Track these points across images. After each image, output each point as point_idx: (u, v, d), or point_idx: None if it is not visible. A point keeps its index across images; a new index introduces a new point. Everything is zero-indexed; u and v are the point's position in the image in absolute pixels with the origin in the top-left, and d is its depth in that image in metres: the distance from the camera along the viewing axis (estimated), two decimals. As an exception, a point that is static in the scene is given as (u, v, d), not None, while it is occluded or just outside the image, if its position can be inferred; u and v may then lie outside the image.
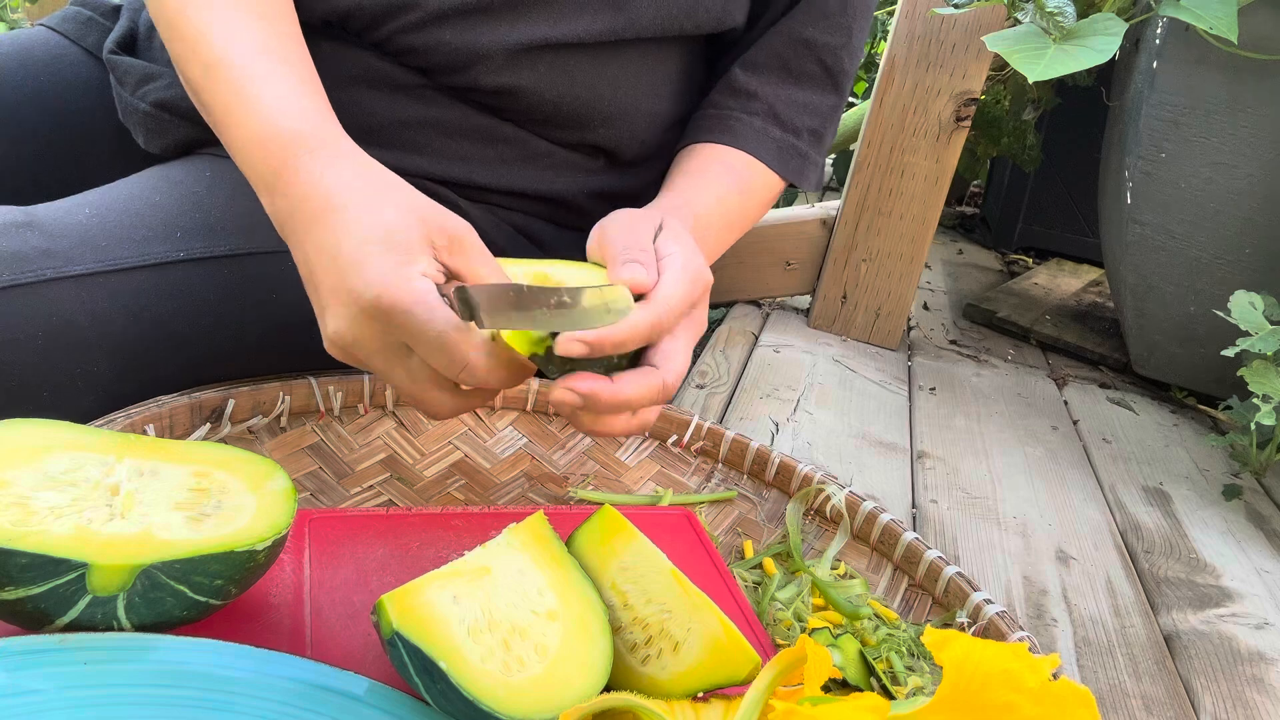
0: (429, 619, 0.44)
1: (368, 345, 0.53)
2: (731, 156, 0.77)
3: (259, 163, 0.56)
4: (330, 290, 0.52)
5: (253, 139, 0.57)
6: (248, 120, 0.57)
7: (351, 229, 0.52)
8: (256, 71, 0.58)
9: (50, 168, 0.80)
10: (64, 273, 0.59)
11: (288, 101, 0.57)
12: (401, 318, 0.50)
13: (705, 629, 0.48)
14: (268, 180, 0.56)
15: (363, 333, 0.52)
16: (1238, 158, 1.38)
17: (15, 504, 0.43)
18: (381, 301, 0.50)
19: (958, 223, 2.73)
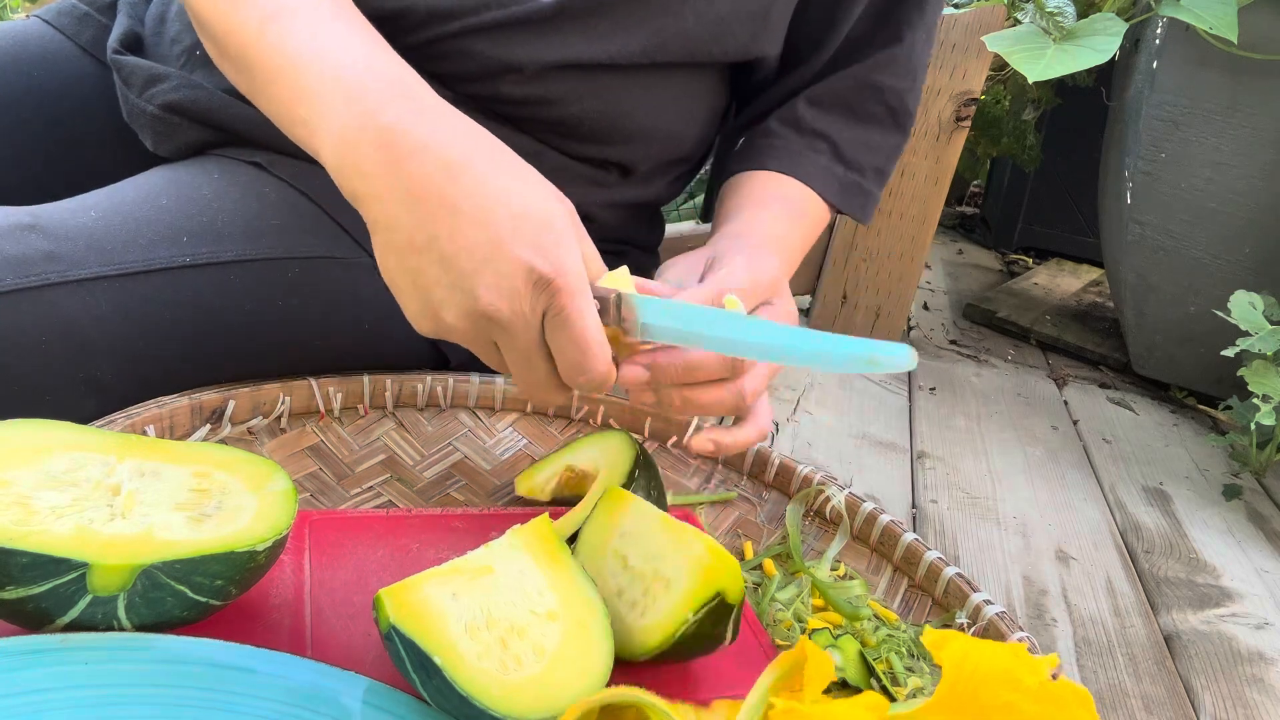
0: (426, 614, 0.44)
1: (519, 321, 0.50)
2: (792, 189, 0.78)
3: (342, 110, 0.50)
4: (482, 259, 0.49)
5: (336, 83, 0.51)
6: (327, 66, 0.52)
7: (505, 196, 0.49)
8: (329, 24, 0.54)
9: (46, 163, 0.79)
10: (68, 277, 0.59)
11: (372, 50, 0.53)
12: (566, 299, 0.49)
13: (692, 555, 0.49)
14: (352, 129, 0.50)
15: (521, 307, 0.49)
16: (1238, 158, 1.38)
17: (16, 504, 0.43)
18: (555, 281, 0.48)
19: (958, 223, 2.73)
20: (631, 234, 0.88)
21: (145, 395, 0.63)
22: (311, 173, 0.70)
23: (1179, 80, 1.39)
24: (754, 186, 0.77)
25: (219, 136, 0.72)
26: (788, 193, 0.77)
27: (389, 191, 0.49)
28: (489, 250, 0.48)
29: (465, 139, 0.51)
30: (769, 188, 0.76)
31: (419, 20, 0.69)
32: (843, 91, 0.80)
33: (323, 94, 0.51)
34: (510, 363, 0.53)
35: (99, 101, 0.82)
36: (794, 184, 0.77)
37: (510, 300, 0.49)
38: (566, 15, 0.68)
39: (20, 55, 0.80)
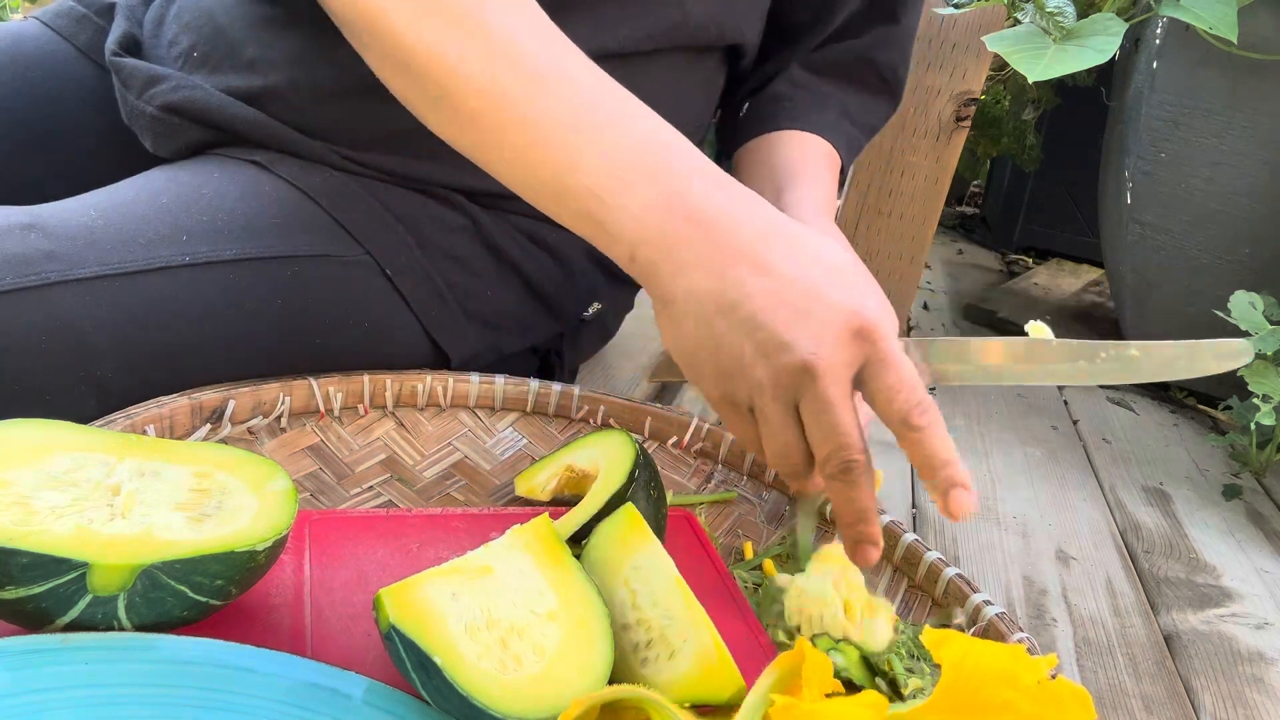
0: (426, 614, 0.44)
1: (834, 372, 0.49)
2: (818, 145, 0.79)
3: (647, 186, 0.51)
4: (800, 312, 0.49)
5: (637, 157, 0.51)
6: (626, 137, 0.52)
7: (818, 255, 0.51)
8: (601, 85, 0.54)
9: (45, 164, 0.80)
10: (68, 276, 0.59)
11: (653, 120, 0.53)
12: (884, 343, 0.50)
13: (699, 644, 0.49)
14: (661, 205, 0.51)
15: (841, 355, 0.49)
16: (1238, 158, 1.38)
17: (16, 504, 0.43)
18: (881, 325, 0.49)
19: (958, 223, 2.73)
20: None
21: (145, 394, 0.63)
22: (312, 171, 0.70)
23: (1179, 80, 1.39)
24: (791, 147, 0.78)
25: (218, 136, 0.72)
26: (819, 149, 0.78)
27: (701, 262, 0.50)
28: (808, 303, 0.49)
29: (764, 208, 0.52)
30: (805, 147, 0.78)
31: None
32: (840, 63, 0.83)
33: (628, 168, 0.51)
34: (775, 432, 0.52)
35: (97, 103, 0.82)
36: (817, 140, 0.79)
37: (832, 348, 0.49)
38: (572, 3, 0.68)
39: (18, 56, 0.80)
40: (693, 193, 0.51)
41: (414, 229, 0.73)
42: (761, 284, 0.49)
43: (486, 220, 0.76)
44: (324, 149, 0.71)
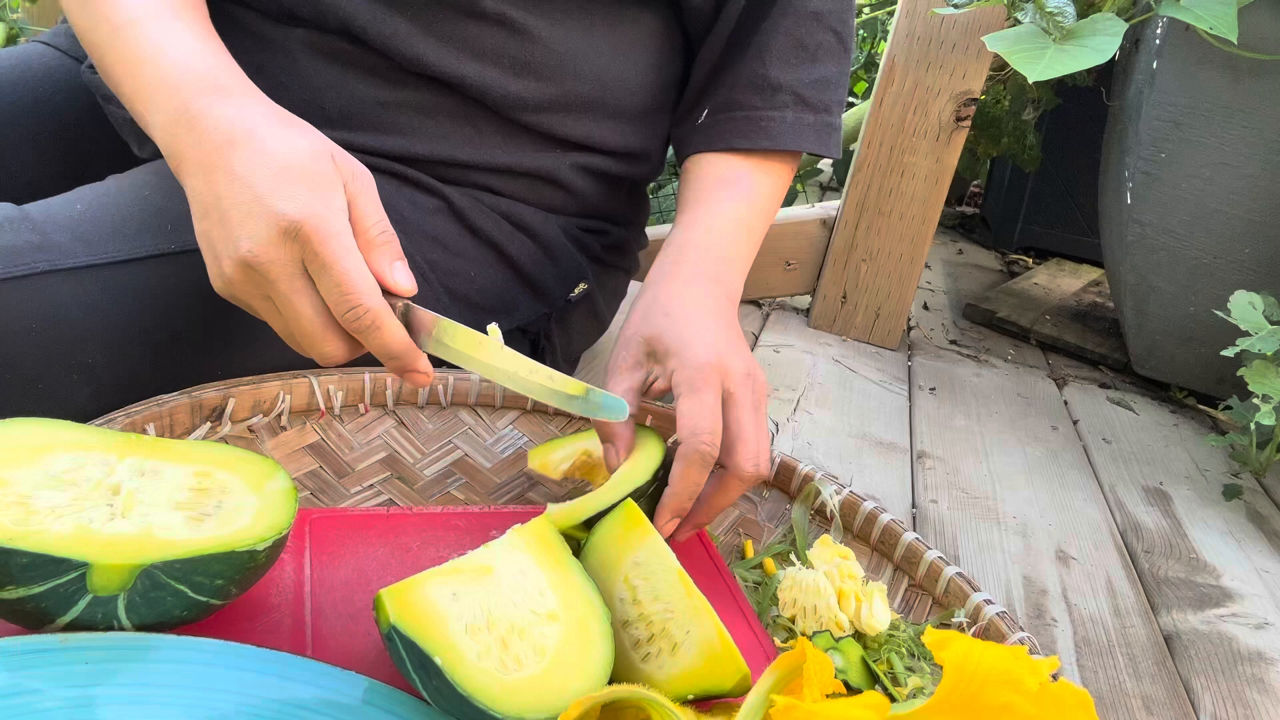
0: (426, 614, 0.44)
1: (277, 269, 0.53)
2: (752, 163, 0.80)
3: (167, 101, 0.57)
4: (244, 213, 0.53)
5: (162, 79, 0.58)
6: (159, 62, 0.59)
7: (270, 156, 0.54)
8: (165, 28, 0.60)
9: (49, 178, 0.81)
10: (57, 266, 0.60)
11: (196, 52, 0.60)
12: (319, 244, 0.52)
13: (702, 634, 0.49)
14: (170, 115, 0.57)
15: (278, 254, 0.53)
16: (1238, 158, 1.38)
17: (16, 503, 0.43)
18: (304, 226, 0.52)
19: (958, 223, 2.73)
20: (611, 208, 0.88)
21: (136, 382, 0.63)
22: None
23: (1179, 80, 1.39)
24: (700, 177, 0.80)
25: None
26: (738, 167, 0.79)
27: (194, 166, 0.56)
28: (251, 204, 0.53)
29: (255, 114, 0.56)
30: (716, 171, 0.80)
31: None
32: (788, 27, 0.81)
33: (153, 91, 0.58)
34: (282, 314, 0.55)
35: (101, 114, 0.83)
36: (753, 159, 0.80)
37: (266, 247, 0.53)
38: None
39: (25, 73, 0.82)
40: (196, 104, 0.56)
41: (392, 211, 0.74)
42: (227, 186, 0.54)
43: (461, 200, 0.77)
44: None
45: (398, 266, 0.55)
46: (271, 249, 0.53)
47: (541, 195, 0.82)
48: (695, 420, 0.60)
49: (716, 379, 0.62)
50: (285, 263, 0.53)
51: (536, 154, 0.79)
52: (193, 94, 0.57)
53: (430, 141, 0.76)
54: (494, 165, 0.78)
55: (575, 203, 0.84)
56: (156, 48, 0.59)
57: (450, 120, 0.76)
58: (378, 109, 0.74)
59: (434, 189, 0.76)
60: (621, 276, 0.97)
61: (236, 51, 0.73)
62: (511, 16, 0.72)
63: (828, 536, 0.64)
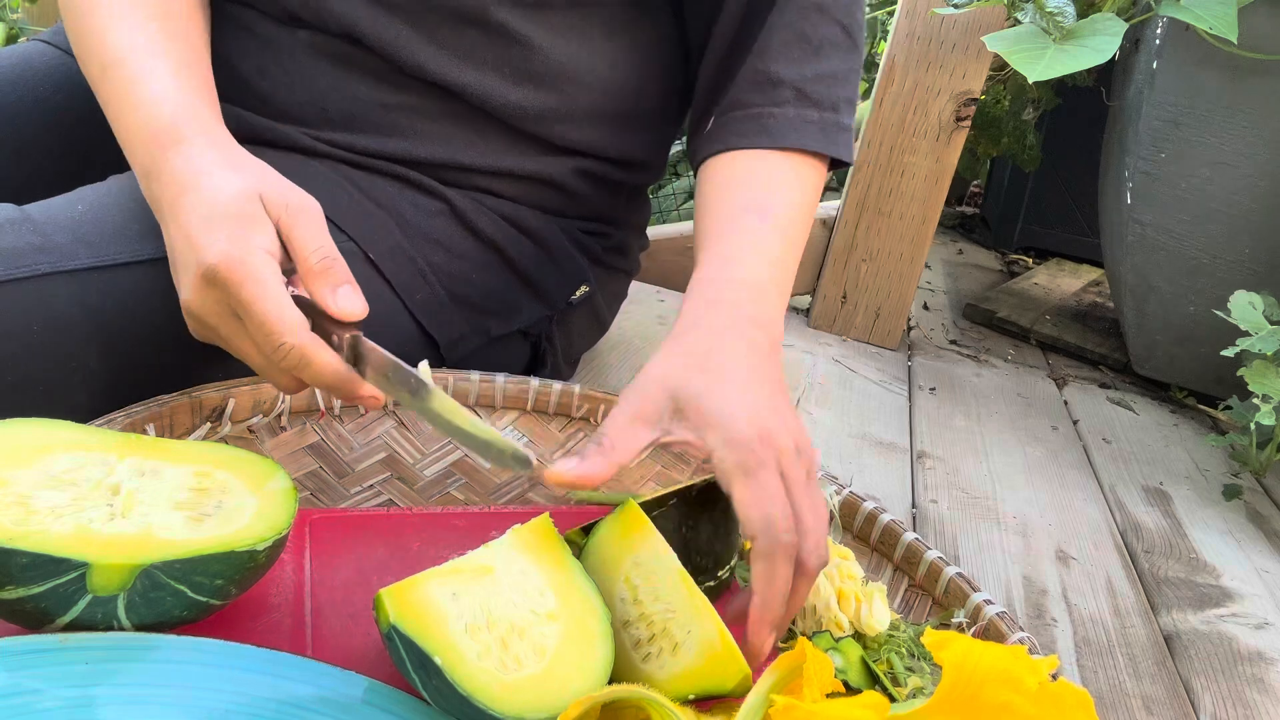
0: (426, 614, 0.44)
1: (212, 314, 0.54)
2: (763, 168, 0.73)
3: (140, 153, 0.60)
4: (182, 264, 0.55)
5: (136, 131, 0.60)
6: (134, 115, 0.61)
7: (202, 203, 0.55)
8: (143, 69, 0.62)
9: (51, 177, 0.81)
10: (58, 268, 0.60)
11: (168, 96, 0.61)
12: (235, 288, 0.52)
13: (703, 634, 0.49)
14: (145, 168, 0.59)
15: (205, 301, 0.54)
16: (1237, 158, 1.38)
17: (16, 503, 0.43)
18: (219, 270, 0.52)
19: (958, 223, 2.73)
20: (612, 211, 0.88)
21: (136, 384, 0.63)
22: (287, 159, 0.71)
23: (1179, 80, 1.39)
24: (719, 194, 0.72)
25: None
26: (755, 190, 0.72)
27: (160, 217, 0.58)
28: (186, 253, 0.55)
29: (203, 162, 0.58)
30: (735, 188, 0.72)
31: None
32: (793, 22, 0.76)
33: (130, 142, 0.61)
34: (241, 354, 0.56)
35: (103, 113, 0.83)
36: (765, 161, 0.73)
37: (195, 294, 0.54)
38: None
39: (26, 72, 0.82)
40: (160, 160, 0.58)
41: (394, 214, 0.74)
42: (176, 238, 0.56)
43: (462, 202, 0.77)
44: (293, 131, 0.73)
45: (342, 292, 0.54)
46: (200, 297, 0.54)
47: (543, 198, 0.82)
48: (765, 509, 0.51)
49: (770, 456, 0.53)
50: (214, 307, 0.54)
51: (539, 158, 0.79)
52: (158, 147, 0.59)
53: (432, 144, 0.76)
54: (496, 169, 0.78)
55: (577, 205, 0.84)
56: (135, 95, 0.61)
57: (453, 124, 0.76)
58: (380, 111, 0.74)
59: (436, 191, 0.76)
60: (622, 278, 0.97)
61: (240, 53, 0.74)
62: (511, 26, 0.72)
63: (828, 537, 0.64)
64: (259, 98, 0.74)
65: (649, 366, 0.59)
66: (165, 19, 0.65)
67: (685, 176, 2.07)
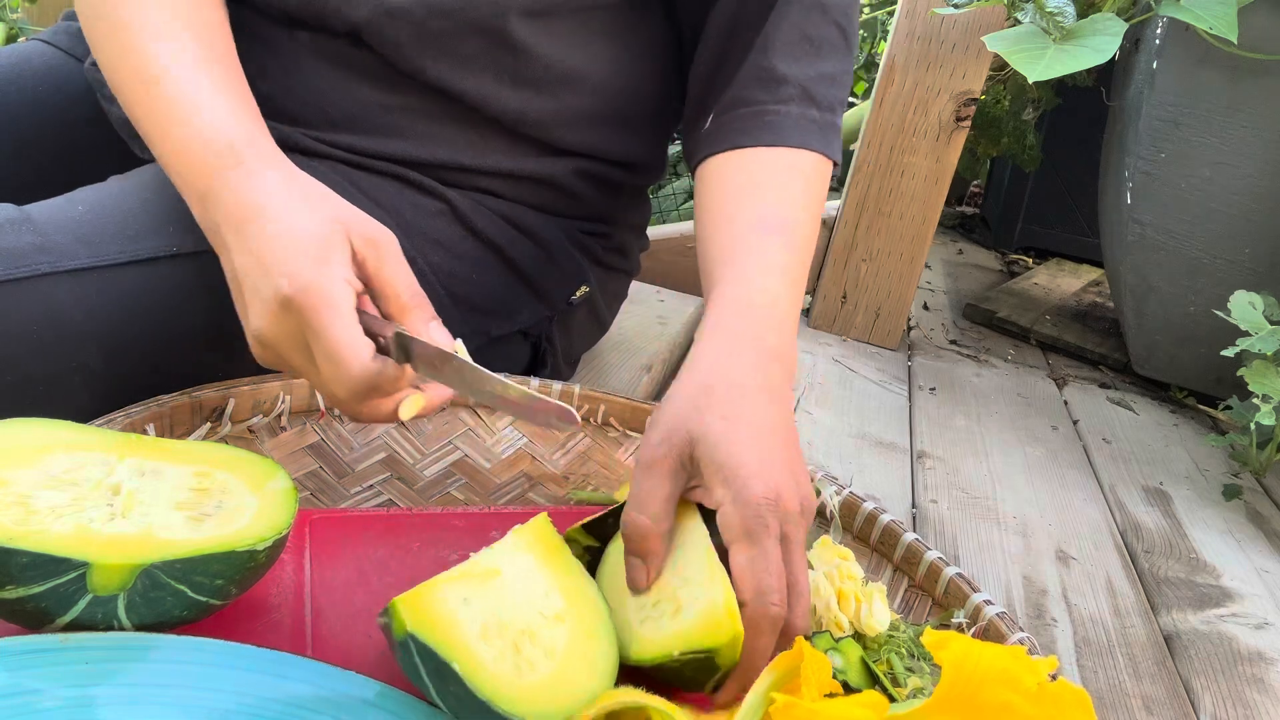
0: (442, 621, 0.44)
1: (285, 342, 0.54)
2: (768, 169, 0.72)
3: (191, 176, 0.59)
4: (252, 289, 0.54)
5: (186, 152, 0.59)
6: (182, 134, 0.59)
7: (276, 230, 0.54)
8: (190, 86, 0.61)
9: (49, 177, 0.81)
10: (58, 268, 0.60)
11: (219, 116, 0.60)
12: (310, 315, 0.52)
13: (709, 598, 0.49)
14: (199, 192, 0.58)
15: (280, 329, 0.53)
16: (1237, 158, 1.38)
17: (16, 503, 0.43)
18: (296, 299, 0.52)
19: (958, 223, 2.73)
20: (613, 211, 0.88)
21: (137, 384, 0.64)
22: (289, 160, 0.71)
23: (1179, 80, 1.39)
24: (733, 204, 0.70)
25: None
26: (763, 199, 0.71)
27: (220, 243, 0.57)
28: (258, 280, 0.54)
29: (270, 188, 0.57)
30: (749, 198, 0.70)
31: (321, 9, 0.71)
32: (797, 20, 0.76)
33: (182, 165, 0.59)
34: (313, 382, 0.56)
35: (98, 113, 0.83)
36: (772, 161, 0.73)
37: (269, 323, 0.54)
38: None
39: (25, 72, 0.82)
40: (219, 185, 0.58)
41: (395, 214, 0.74)
42: (242, 262, 0.55)
43: (462, 203, 0.77)
44: (294, 132, 0.73)
45: (434, 326, 0.55)
46: (275, 325, 0.53)
47: (544, 199, 0.82)
48: (761, 579, 0.51)
49: (775, 522, 0.53)
50: (289, 336, 0.54)
51: (539, 159, 0.79)
52: (215, 170, 0.58)
53: (433, 146, 0.76)
54: (496, 170, 0.78)
55: (577, 206, 0.84)
56: (184, 112, 0.60)
57: (453, 125, 0.76)
58: (381, 113, 0.74)
59: (436, 192, 0.76)
60: (622, 279, 0.97)
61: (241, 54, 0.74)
62: (509, 32, 0.72)
63: (827, 537, 0.64)
64: (260, 99, 0.74)
65: (668, 403, 0.57)
66: (200, 29, 0.64)
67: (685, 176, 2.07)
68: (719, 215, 0.70)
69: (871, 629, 0.60)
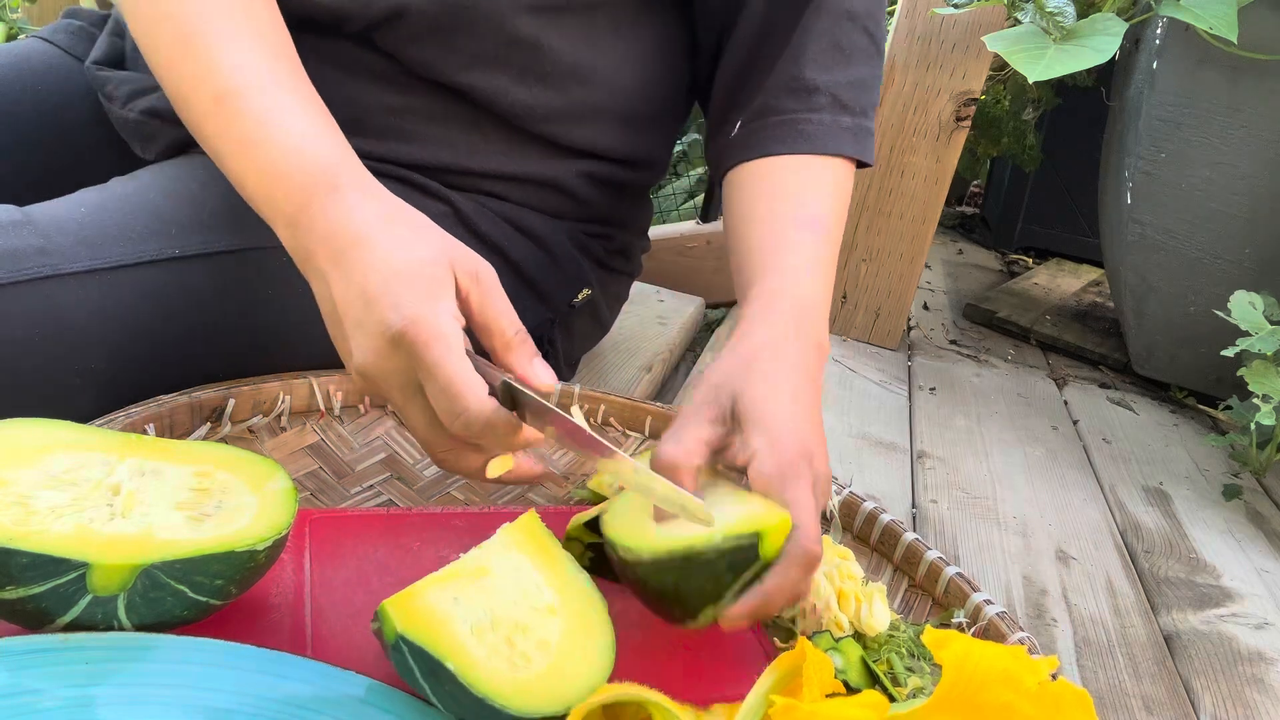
0: (432, 621, 0.44)
1: (390, 378, 0.53)
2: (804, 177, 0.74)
3: (280, 198, 0.56)
4: (355, 322, 0.53)
5: (273, 173, 0.57)
6: (268, 154, 0.57)
7: (381, 262, 0.53)
8: (274, 104, 0.58)
9: (49, 176, 0.81)
10: (60, 270, 0.60)
11: (309, 137, 0.57)
12: (422, 350, 0.51)
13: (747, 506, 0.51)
14: (289, 215, 0.56)
15: (386, 364, 0.52)
16: (1237, 158, 1.38)
17: (16, 503, 0.43)
18: (407, 334, 0.51)
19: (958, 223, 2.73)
20: (615, 213, 0.88)
21: (138, 387, 0.63)
22: None
23: (1179, 80, 1.39)
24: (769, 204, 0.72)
25: None
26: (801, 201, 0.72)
27: (314, 270, 0.56)
28: (362, 314, 0.52)
29: (371, 215, 0.55)
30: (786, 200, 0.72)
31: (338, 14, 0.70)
32: (827, 29, 0.77)
33: (268, 187, 0.57)
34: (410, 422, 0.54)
35: (98, 112, 0.83)
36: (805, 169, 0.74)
37: (375, 358, 0.52)
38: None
39: (24, 71, 0.82)
40: (315, 209, 0.55)
41: None
42: (342, 291, 0.53)
43: (466, 205, 0.77)
44: None
45: (537, 363, 0.54)
46: (381, 360, 0.52)
47: (546, 201, 0.82)
48: (799, 514, 0.52)
49: (809, 472, 0.55)
50: (395, 372, 0.52)
51: (543, 162, 0.79)
52: (309, 194, 0.56)
53: (436, 148, 0.76)
54: (500, 172, 0.78)
55: (580, 208, 0.84)
56: (266, 131, 0.57)
57: (457, 127, 0.76)
58: (384, 115, 0.74)
59: (440, 194, 0.76)
60: (624, 280, 0.97)
61: None
62: (518, 26, 0.72)
63: (827, 537, 0.64)
64: None
65: (714, 368, 0.60)
66: (271, 39, 0.61)
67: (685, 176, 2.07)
68: (755, 214, 0.72)
69: (872, 629, 0.60)
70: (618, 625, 0.51)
